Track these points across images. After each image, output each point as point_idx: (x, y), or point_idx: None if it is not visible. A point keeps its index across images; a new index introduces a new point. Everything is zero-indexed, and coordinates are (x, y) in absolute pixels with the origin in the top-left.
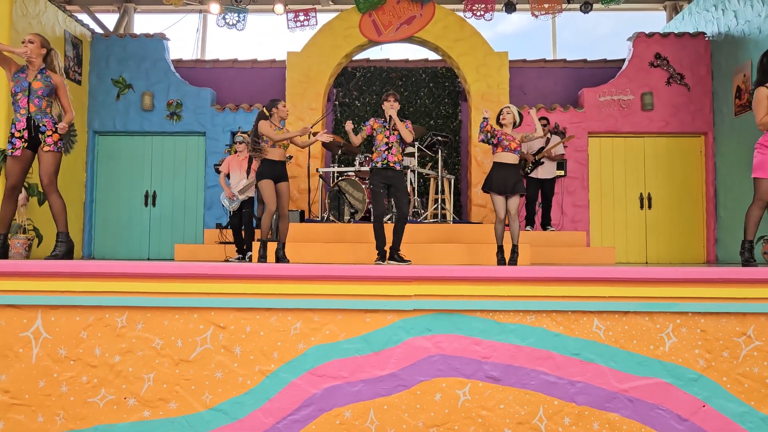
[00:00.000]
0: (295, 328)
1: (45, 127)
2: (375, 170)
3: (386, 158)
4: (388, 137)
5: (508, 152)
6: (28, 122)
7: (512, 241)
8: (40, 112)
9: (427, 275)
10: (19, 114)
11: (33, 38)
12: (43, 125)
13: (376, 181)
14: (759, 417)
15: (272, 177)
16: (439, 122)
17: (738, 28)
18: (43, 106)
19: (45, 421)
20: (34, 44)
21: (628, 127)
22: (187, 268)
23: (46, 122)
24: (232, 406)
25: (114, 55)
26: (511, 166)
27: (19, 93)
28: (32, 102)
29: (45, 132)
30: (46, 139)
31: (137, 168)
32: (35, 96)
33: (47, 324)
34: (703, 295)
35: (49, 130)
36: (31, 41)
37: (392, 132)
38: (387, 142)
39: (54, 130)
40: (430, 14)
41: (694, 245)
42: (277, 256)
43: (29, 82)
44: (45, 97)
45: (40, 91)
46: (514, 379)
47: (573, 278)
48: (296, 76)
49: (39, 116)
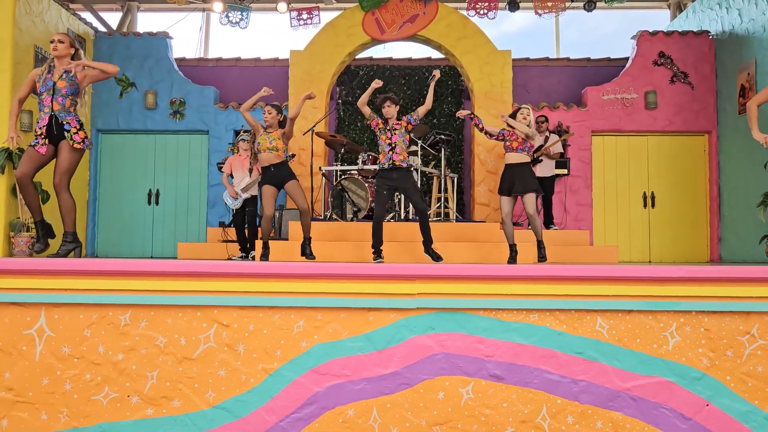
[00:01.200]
0: (298, 326)
1: (69, 125)
2: (381, 171)
3: (391, 158)
4: (390, 138)
5: (511, 152)
6: (50, 120)
7: (536, 237)
8: (64, 110)
9: (430, 274)
10: (42, 112)
11: (63, 38)
12: (67, 123)
13: (380, 183)
14: (763, 416)
15: (267, 182)
16: (443, 121)
17: (742, 27)
18: (67, 104)
19: (48, 419)
20: (64, 44)
21: (631, 125)
22: (190, 267)
23: (69, 120)
24: (235, 404)
25: (117, 54)
26: (515, 166)
27: (44, 92)
28: (56, 101)
29: (69, 130)
30: (74, 136)
31: (140, 166)
32: (59, 95)
33: (51, 322)
34: (706, 294)
35: (73, 128)
36: (61, 41)
37: (393, 132)
38: (390, 142)
39: (78, 128)
40: (433, 12)
41: (698, 244)
42: (303, 252)
43: (54, 82)
44: (69, 96)
45: (64, 89)
46: (518, 377)
47: (576, 277)
48: (299, 74)
49: (63, 114)
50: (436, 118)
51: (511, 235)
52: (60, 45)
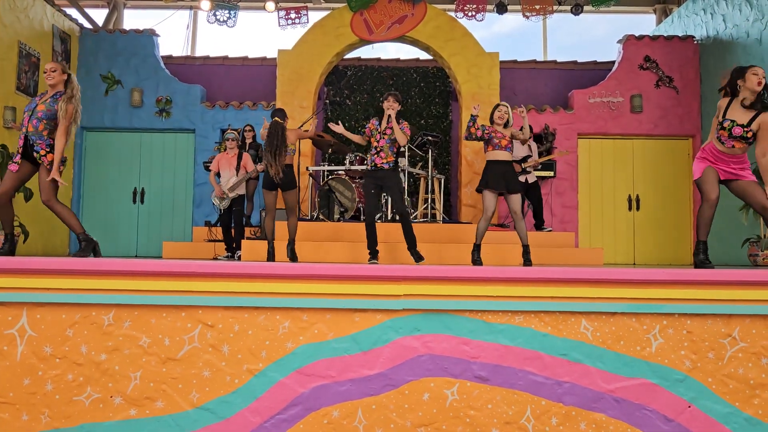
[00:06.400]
0: (284, 327)
1: (39, 147)
2: (366, 172)
3: (374, 161)
4: (378, 141)
5: (499, 150)
6: (25, 140)
7: (522, 241)
8: (36, 133)
9: (417, 275)
10: (21, 132)
11: (55, 66)
12: (37, 146)
13: (367, 182)
14: (743, 417)
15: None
16: (430, 122)
17: (726, 32)
18: (40, 128)
19: (30, 420)
20: (56, 71)
21: (617, 128)
22: (175, 266)
23: (39, 143)
24: (219, 405)
25: (103, 51)
26: (505, 163)
27: (26, 112)
28: (31, 123)
29: (39, 152)
30: (43, 159)
31: (126, 165)
32: (35, 117)
33: (32, 321)
34: (689, 296)
35: (42, 150)
36: (54, 69)
37: (382, 136)
38: (377, 145)
39: (48, 150)
40: (421, 14)
41: (682, 247)
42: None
43: (37, 103)
44: (43, 120)
45: (40, 113)
46: (502, 379)
47: (561, 279)
48: (287, 74)
49: (34, 137)
50: (423, 120)
51: (482, 234)
52: (53, 73)
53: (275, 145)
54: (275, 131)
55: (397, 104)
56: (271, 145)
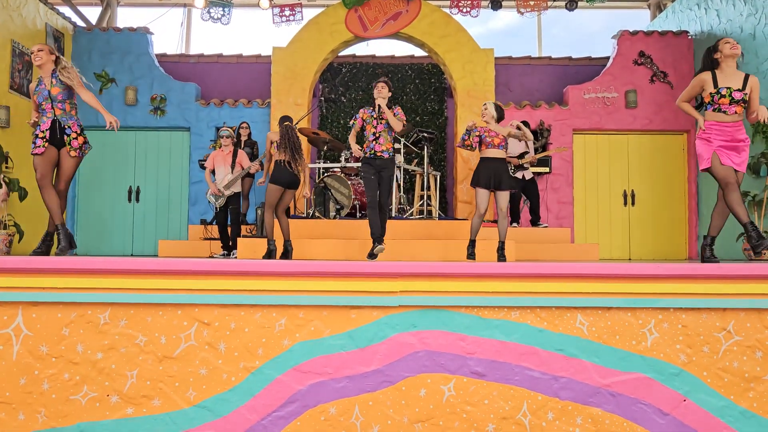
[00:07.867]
0: (280, 324)
1: (70, 129)
2: (364, 160)
3: (373, 148)
4: (375, 127)
5: (492, 148)
6: (53, 124)
7: (499, 237)
8: (65, 114)
9: (413, 271)
10: (45, 117)
11: (41, 46)
12: (69, 127)
13: (365, 170)
14: (738, 411)
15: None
16: (425, 119)
17: (720, 27)
18: (67, 108)
19: (26, 419)
20: (43, 51)
21: (612, 124)
22: (170, 265)
23: (71, 124)
24: (216, 402)
25: (97, 49)
26: (498, 160)
27: (42, 102)
28: (56, 107)
29: (70, 135)
30: (72, 143)
31: (120, 163)
32: (57, 101)
33: (28, 321)
34: (684, 291)
35: (74, 132)
36: (41, 49)
37: (380, 121)
38: (374, 132)
39: (78, 132)
40: (416, 10)
41: (677, 241)
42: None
43: (48, 90)
44: (66, 100)
45: (59, 95)
46: (499, 374)
47: (557, 274)
48: (282, 71)
49: (64, 119)
50: (419, 116)
51: (476, 230)
52: (40, 53)
53: (298, 144)
54: (290, 133)
55: (386, 91)
56: (294, 144)
